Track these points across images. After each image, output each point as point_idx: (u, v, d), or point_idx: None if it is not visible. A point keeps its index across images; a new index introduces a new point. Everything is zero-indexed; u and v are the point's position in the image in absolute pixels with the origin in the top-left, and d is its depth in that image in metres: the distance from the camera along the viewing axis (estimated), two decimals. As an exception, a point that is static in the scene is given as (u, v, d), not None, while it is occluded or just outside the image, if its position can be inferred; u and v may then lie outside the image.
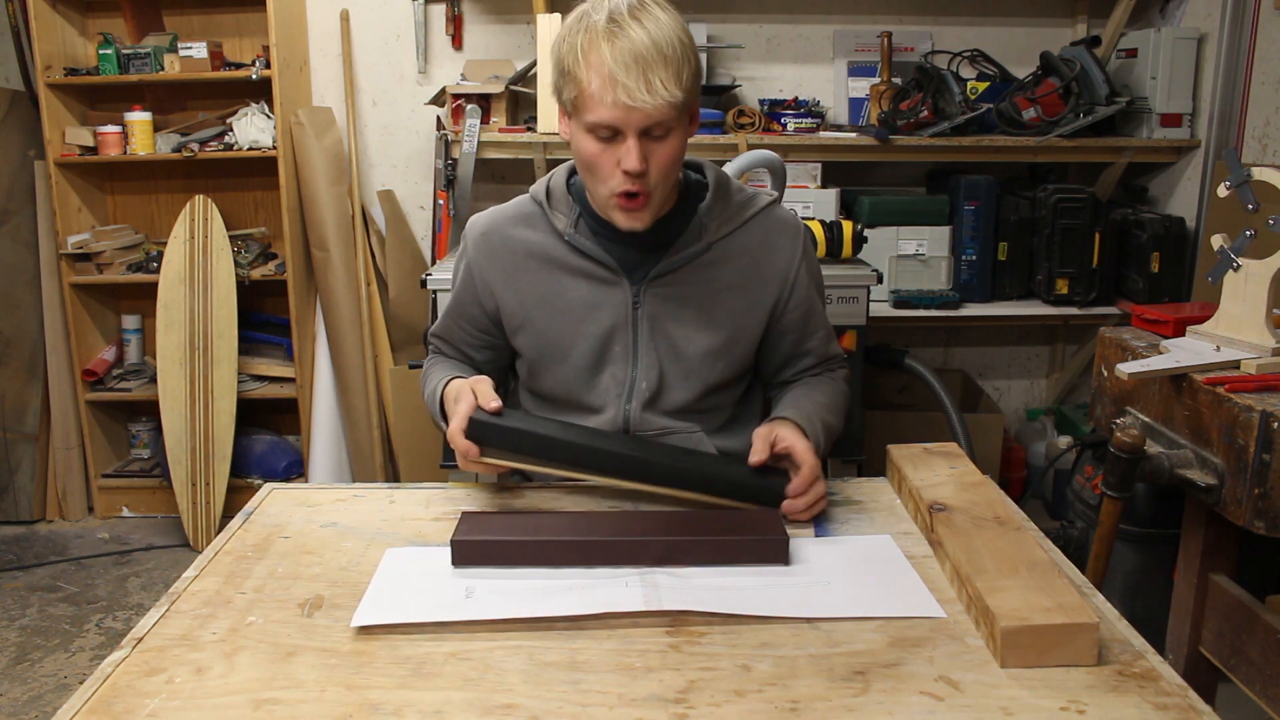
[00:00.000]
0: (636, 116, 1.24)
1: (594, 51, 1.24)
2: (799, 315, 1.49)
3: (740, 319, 1.46)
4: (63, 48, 3.21)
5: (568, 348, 1.44)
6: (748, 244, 1.45)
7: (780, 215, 1.49)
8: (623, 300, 1.43)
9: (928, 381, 2.74)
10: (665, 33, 1.25)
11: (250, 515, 1.30)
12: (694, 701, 0.89)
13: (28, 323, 3.32)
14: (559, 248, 1.44)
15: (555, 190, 1.46)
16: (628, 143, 1.26)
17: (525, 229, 1.46)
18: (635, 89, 1.22)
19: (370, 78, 3.39)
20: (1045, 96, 3.05)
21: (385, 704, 0.89)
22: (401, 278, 3.32)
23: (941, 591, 1.08)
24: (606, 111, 1.24)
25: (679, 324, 1.43)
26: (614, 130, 1.26)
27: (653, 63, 1.23)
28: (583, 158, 1.32)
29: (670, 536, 1.13)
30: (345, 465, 3.37)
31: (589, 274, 1.43)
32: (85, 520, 3.42)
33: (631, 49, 1.22)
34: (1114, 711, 0.88)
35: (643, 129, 1.26)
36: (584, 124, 1.28)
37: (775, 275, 1.46)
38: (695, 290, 1.43)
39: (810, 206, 3.02)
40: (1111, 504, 1.81)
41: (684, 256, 1.42)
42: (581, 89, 1.25)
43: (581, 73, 1.25)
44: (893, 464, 1.38)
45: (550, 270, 1.44)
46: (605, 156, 1.29)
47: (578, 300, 1.43)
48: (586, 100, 1.25)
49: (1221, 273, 1.74)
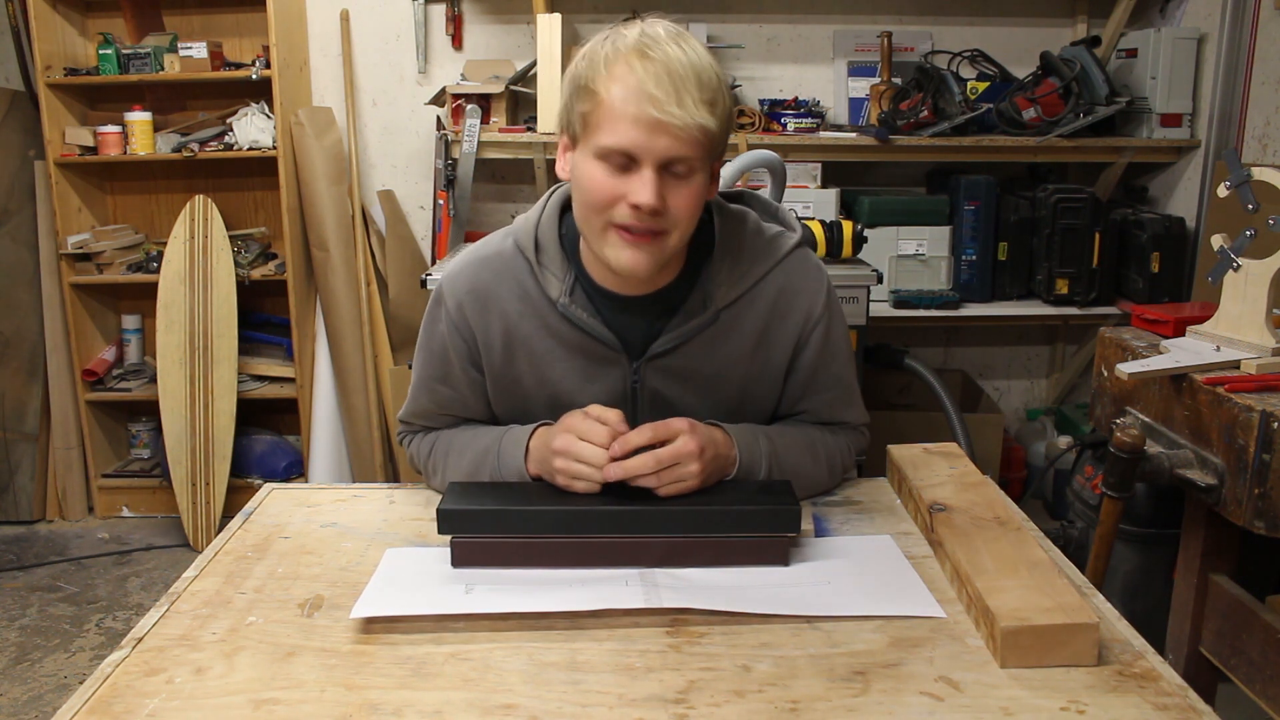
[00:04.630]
0: (661, 142, 1.09)
1: (620, 64, 1.09)
2: (804, 375, 1.33)
3: (752, 384, 1.31)
4: (63, 48, 3.21)
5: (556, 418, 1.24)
6: (760, 306, 1.28)
7: (803, 264, 1.31)
8: (620, 379, 1.28)
9: (928, 381, 2.74)
10: (704, 59, 1.11)
11: (250, 515, 1.30)
12: (694, 701, 0.89)
13: (28, 323, 3.32)
14: (550, 315, 1.26)
15: (546, 245, 1.26)
16: (643, 173, 1.10)
17: (511, 287, 1.27)
18: (665, 101, 1.07)
19: (370, 78, 3.39)
20: (1045, 96, 3.05)
21: (385, 704, 0.89)
22: (401, 278, 3.32)
23: (941, 591, 1.08)
24: (626, 129, 1.09)
25: (684, 398, 1.29)
26: (629, 158, 1.11)
27: (687, 80, 1.08)
28: (585, 190, 1.15)
29: (670, 536, 1.13)
30: (345, 465, 3.37)
31: (583, 349, 1.26)
32: (85, 520, 3.42)
33: (666, 64, 1.08)
34: (1114, 711, 0.88)
35: (664, 161, 1.10)
36: (594, 148, 1.12)
37: (790, 330, 1.30)
38: (702, 361, 1.28)
39: (810, 206, 3.02)
40: (1111, 504, 1.81)
41: (688, 330, 1.25)
42: (599, 103, 1.10)
43: (601, 85, 1.10)
44: (893, 464, 1.38)
45: (539, 338, 1.27)
46: (612, 189, 1.12)
47: (568, 373, 1.28)
48: (603, 116, 1.10)
49: (1221, 273, 1.74)
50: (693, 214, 1.16)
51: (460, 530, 1.12)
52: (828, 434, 1.36)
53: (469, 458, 1.29)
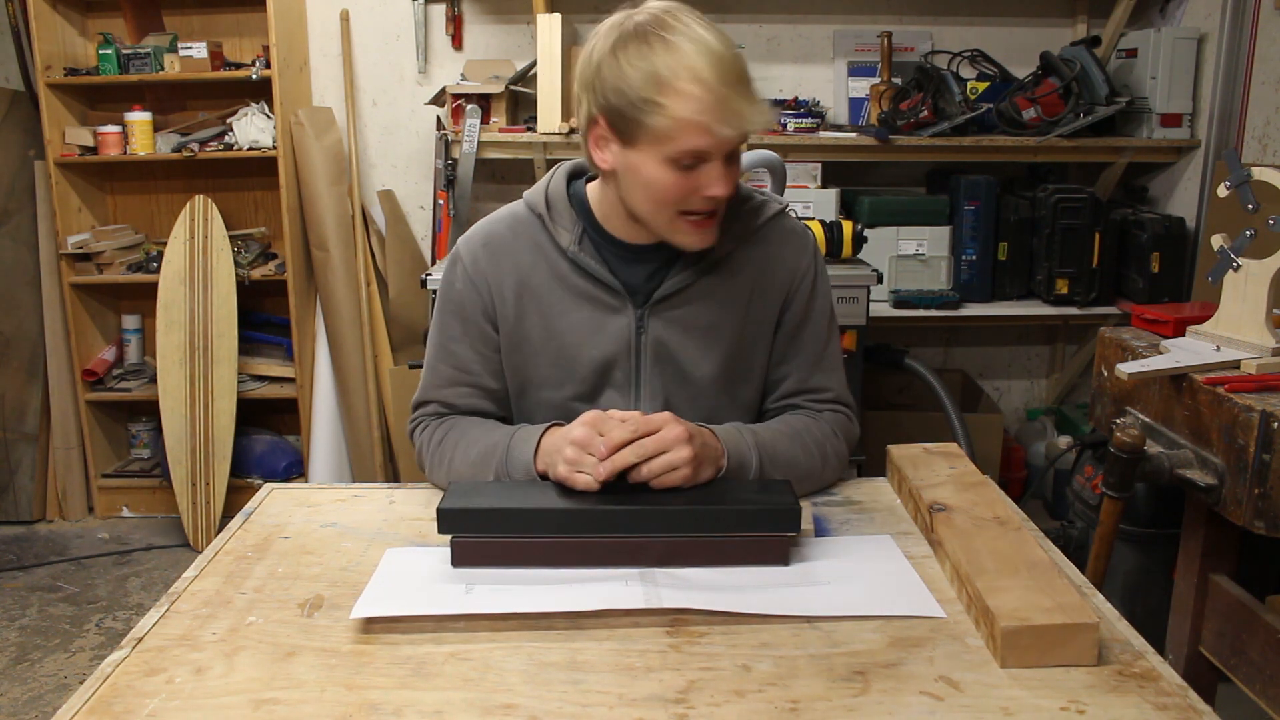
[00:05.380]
0: (728, 139, 1.18)
1: (683, 77, 1.14)
2: (791, 328, 1.38)
3: (748, 336, 1.37)
4: (63, 48, 3.22)
5: (562, 374, 1.35)
6: (755, 255, 1.36)
7: (789, 224, 1.40)
8: (625, 326, 1.33)
9: (928, 381, 2.74)
10: (730, 42, 1.19)
11: (250, 515, 1.30)
12: (694, 701, 0.89)
13: (28, 323, 3.32)
14: (561, 264, 1.33)
15: (556, 200, 1.35)
16: (715, 167, 1.19)
17: (524, 240, 1.35)
18: (747, 111, 1.15)
19: (370, 78, 3.39)
20: (1045, 96, 3.05)
21: (385, 704, 0.89)
22: (401, 278, 3.32)
23: (941, 591, 1.08)
24: (701, 136, 1.15)
25: (685, 348, 1.35)
26: (701, 157, 1.18)
27: (745, 77, 1.17)
28: (658, 190, 1.21)
29: (670, 536, 1.13)
30: (345, 465, 3.38)
31: (590, 296, 1.33)
32: (85, 520, 3.42)
33: (732, 66, 1.16)
34: (1114, 711, 0.88)
35: (730, 153, 1.20)
36: (667, 154, 1.18)
37: (779, 285, 1.37)
38: (701, 310, 1.34)
39: (810, 206, 3.02)
40: (1111, 504, 1.81)
41: (690, 274, 1.33)
42: (674, 117, 1.15)
43: (665, 95, 1.14)
44: (893, 464, 1.38)
45: (549, 288, 1.34)
46: (687, 187, 1.20)
47: (576, 324, 1.34)
48: (680, 129, 1.15)
49: (1221, 273, 1.74)
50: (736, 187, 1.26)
51: (460, 530, 1.12)
52: (812, 423, 1.37)
53: (477, 450, 1.30)
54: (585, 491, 1.16)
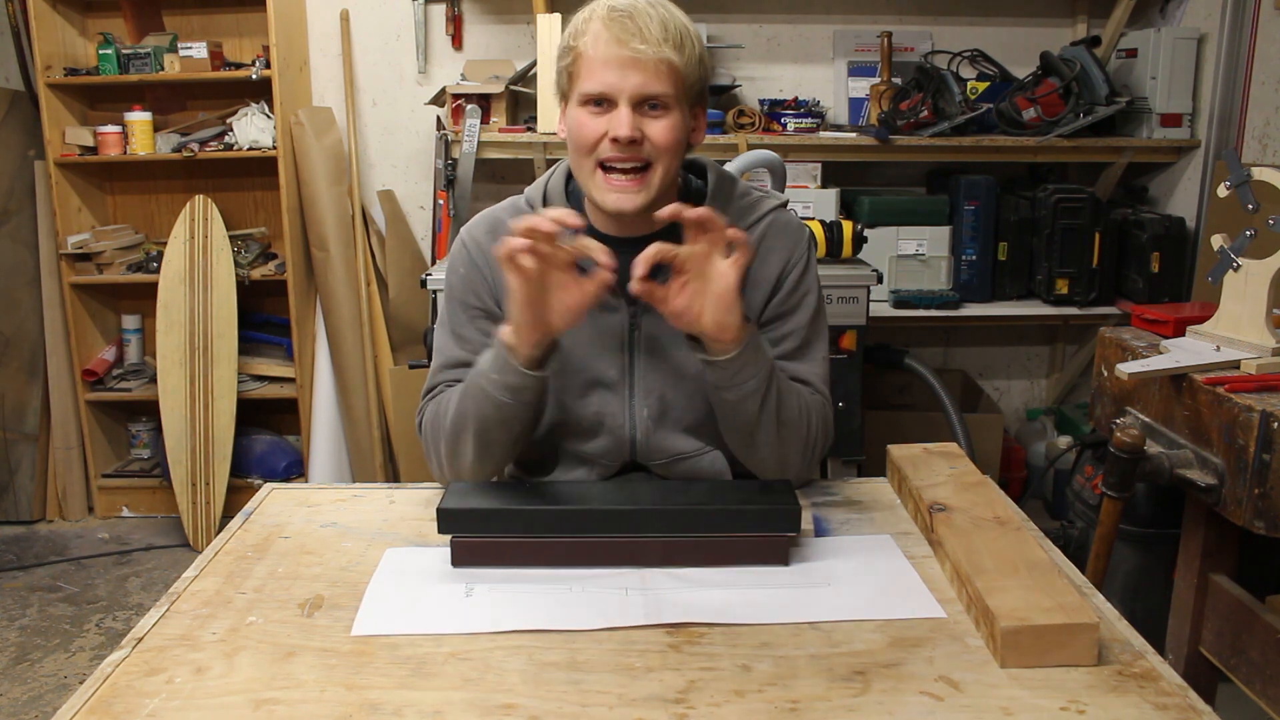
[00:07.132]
0: (632, 80, 1.21)
1: (595, 21, 1.23)
2: (774, 316, 1.37)
3: None
4: (63, 48, 3.21)
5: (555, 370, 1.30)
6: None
7: (785, 220, 1.40)
8: (619, 323, 1.34)
9: (928, 381, 2.74)
10: (672, 10, 1.25)
11: (250, 515, 1.30)
12: (694, 701, 0.89)
13: (28, 323, 3.32)
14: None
15: (554, 196, 1.38)
16: (620, 111, 1.22)
17: None
18: (631, 40, 1.20)
19: (370, 78, 3.39)
20: (1045, 96, 3.05)
21: (385, 704, 0.89)
22: (401, 278, 3.32)
23: (941, 591, 1.08)
24: (601, 73, 1.22)
25: (678, 344, 1.32)
26: (609, 100, 1.23)
27: (651, 22, 1.21)
28: (574, 136, 1.27)
29: (670, 536, 1.13)
30: (345, 465, 3.37)
31: None
32: (85, 520, 3.42)
33: (632, 13, 1.22)
34: (1114, 711, 0.88)
35: (638, 98, 1.22)
36: (578, 97, 1.25)
37: (768, 276, 1.36)
38: None
39: (810, 206, 3.02)
40: (1111, 504, 1.81)
41: None
42: (577, 55, 1.24)
43: (578, 40, 1.24)
44: (893, 464, 1.38)
45: None
46: (595, 129, 1.24)
47: None
48: (582, 67, 1.24)
49: (1221, 273, 1.74)
50: (672, 147, 1.26)
51: (460, 530, 1.12)
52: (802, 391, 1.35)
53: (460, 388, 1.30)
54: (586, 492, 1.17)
